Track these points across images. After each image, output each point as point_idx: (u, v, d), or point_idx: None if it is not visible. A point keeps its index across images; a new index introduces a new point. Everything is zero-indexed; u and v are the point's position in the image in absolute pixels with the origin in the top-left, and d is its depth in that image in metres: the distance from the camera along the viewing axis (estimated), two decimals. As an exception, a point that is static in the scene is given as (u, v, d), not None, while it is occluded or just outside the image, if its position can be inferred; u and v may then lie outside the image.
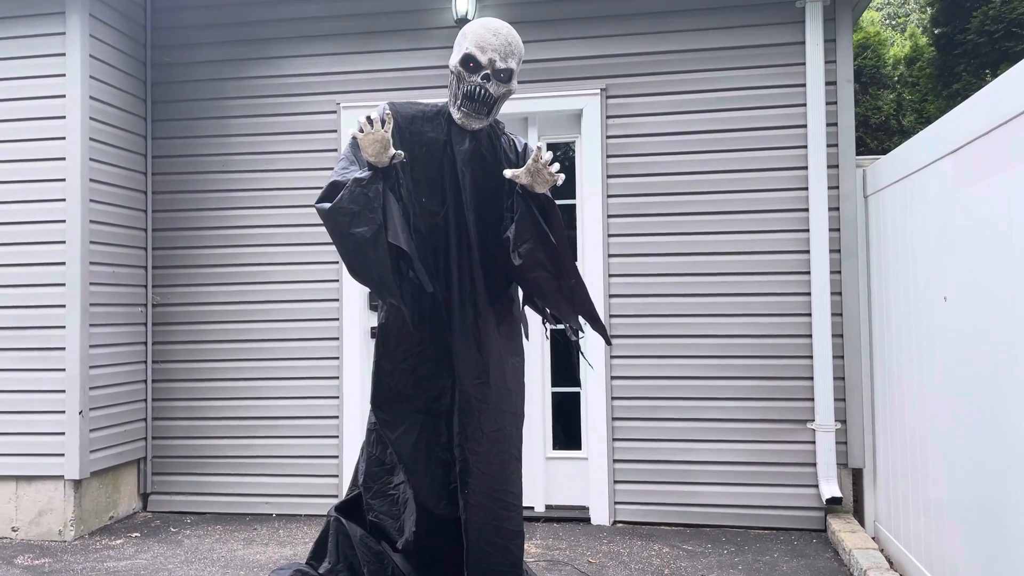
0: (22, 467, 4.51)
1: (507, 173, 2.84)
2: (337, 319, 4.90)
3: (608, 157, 4.74)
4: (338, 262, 4.66)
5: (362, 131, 2.65)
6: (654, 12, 4.72)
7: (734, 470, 4.55)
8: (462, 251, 2.92)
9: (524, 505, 4.69)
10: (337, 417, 4.89)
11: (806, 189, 4.53)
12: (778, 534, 4.44)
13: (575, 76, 4.78)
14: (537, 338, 3.52)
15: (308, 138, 4.99)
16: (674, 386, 4.63)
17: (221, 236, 5.06)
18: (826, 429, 4.44)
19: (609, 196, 4.73)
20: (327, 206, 2.70)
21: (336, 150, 4.92)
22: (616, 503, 4.65)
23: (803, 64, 4.56)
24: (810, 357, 4.49)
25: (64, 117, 4.52)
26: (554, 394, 4.89)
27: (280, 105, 5.04)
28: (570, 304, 2.93)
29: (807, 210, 4.52)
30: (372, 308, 4.86)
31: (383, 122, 2.73)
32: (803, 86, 4.56)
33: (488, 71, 2.85)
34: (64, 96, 4.53)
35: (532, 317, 3.23)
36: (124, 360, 4.86)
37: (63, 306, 4.48)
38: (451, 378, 2.92)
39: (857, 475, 4.55)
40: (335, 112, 4.96)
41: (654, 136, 4.71)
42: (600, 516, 4.64)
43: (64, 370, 4.47)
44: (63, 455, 4.45)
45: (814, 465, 4.47)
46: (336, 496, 4.79)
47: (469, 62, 2.85)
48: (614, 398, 4.68)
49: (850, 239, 4.49)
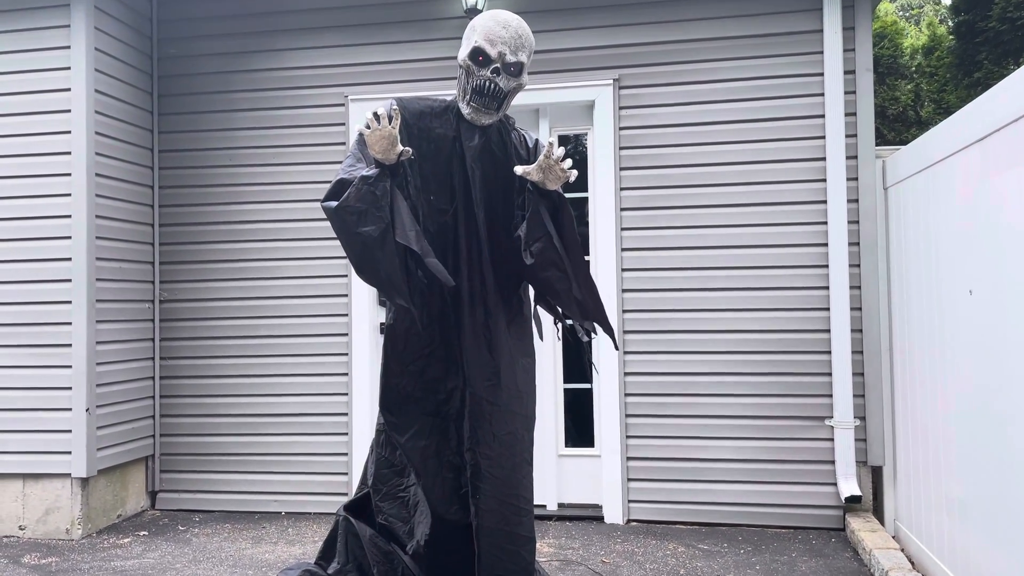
0: (29, 465, 4.46)
1: (518, 170, 2.76)
2: (346, 315, 4.83)
3: (621, 149, 4.65)
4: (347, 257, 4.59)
5: (369, 127, 2.58)
6: (668, 0, 4.62)
7: (750, 468, 4.47)
8: (472, 250, 2.84)
9: (536, 503, 4.67)
10: (346, 414, 4.83)
11: (824, 181, 4.43)
12: (796, 533, 4.35)
13: (587, 66, 4.69)
14: (549, 334, 3.44)
15: (316, 131, 4.92)
16: (689, 382, 4.54)
17: (228, 231, 5.00)
18: (845, 426, 4.34)
19: (622, 189, 4.64)
20: (333, 204, 2.63)
21: (345, 143, 4.85)
22: (630, 501, 4.57)
23: (821, 52, 4.45)
24: (828, 352, 4.40)
25: (69, 111, 4.47)
26: (566, 390, 4.81)
27: (288, 98, 4.97)
28: (583, 305, 2.85)
29: (825, 202, 4.42)
30: (381, 304, 4.79)
31: (390, 118, 2.65)
32: (821, 75, 4.45)
33: (498, 65, 2.77)
34: (69, 90, 4.47)
35: (545, 317, 3.16)
36: (131, 357, 4.81)
37: (69, 302, 4.43)
38: (461, 380, 2.85)
39: (877, 473, 4.45)
40: (343, 105, 4.89)
41: (668, 127, 4.61)
42: (614, 515, 4.56)
43: (71, 367, 4.42)
44: (70, 452, 4.41)
45: (832, 463, 4.38)
46: (345, 494, 4.73)
47: (478, 56, 2.77)
48: (627, 394, 4.60)
49: (869, 232, 4.39)
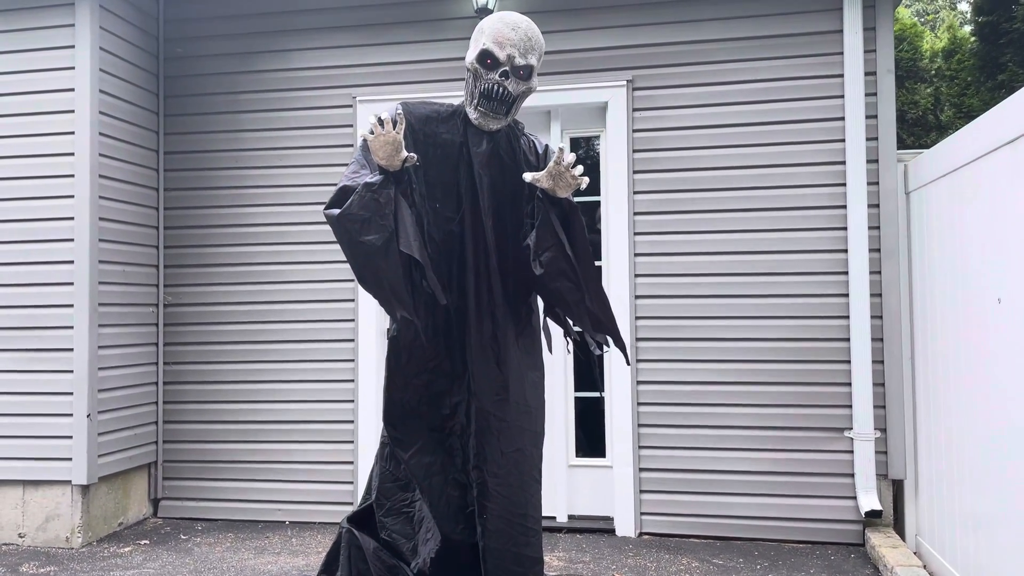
0: (29, 472, 4.38)
1: (527, 177, 2.65)
2: (352, 320, 4.73)
3: (634, 152, 4.54)
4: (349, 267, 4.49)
5: (372, 133, 2.48)
6: (683, 0, 4.51)
7: (767, 480, 4.34)
8: (479, 259, 2.74)
9: (546, 515, 4.57)
10: (352, 421, 4.73)
11: (844, 185, 4.30)
12: (814, 548, 4.22)
13: (600, 67, 4.59)
14: (559, 346, 3.34)
15: (323, 133, 4.83)
16: (703, 391, 4.42)
17: (234, 234, 4.92)
18: (865, 438, 4.21)
19: (635, 193, 4.53)
20: (336, 212, 2.53)
21: (352, 145, 4.76)
22: (642, 514, 4.45)
23: (841, 54, 4.34)
24: (848, 362, 4.27)
25: (73, 111, 4.40)
26: (577, 399, 4.70)
27: (295, 99, 4.89)
28: (594, 317, 2.74)
29: (845, 207, 4.30)
30: (388, 309, 4.69)
31: (394, 123, 2.55)
32: (841, 76, 4.33)
33: (507, 68, 2.67)
34: (73, 90, 4.41)
35: (554, 329, 3.04)
36: (134, 362, 4.73)
37: (71, 306, 4.36)
38: (466, 395, 2.74)
39: (898, 487, 4.31)
40: (351, 106, 4.80)
41: (683, 130, 4.50)
42: (625, 527, 4.44)
43: (72, 372, 4.34)
44: (71, 459, 4.32)
45: (852, 476, 4.25)
46: (351, 503, 4.63)
47: (486, 58, 2.67)
48: (640, 404, 4.48)
49: (891, 237, 4.26)
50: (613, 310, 2.84)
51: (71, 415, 4.33)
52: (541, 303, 2.90)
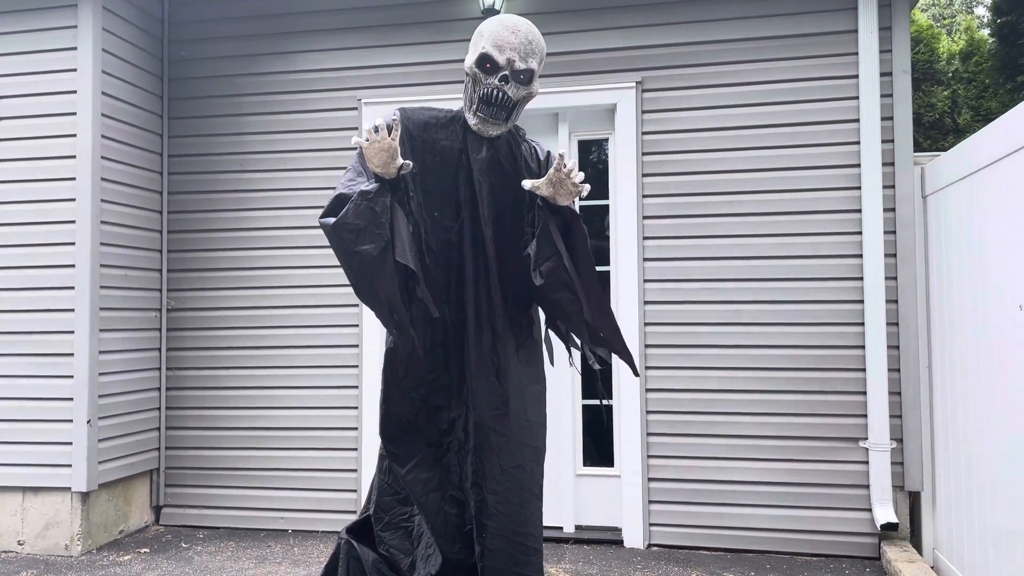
0: (28, 478, 4.33)
1: (526, 184, 2.57)
2: (357, 325, 4.66)
3: (644, 155, 4.45)
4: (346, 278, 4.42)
5: (368, 140, 2.41)
6: (693, 0, 4.43)
7: (779, 491, 4.22)
8: (479, 269, 2.65)
9: (552, 525, 4.48)
10: (356, 428, 4.66)
11: (859, 188, 4.20)
12: (828, 561, 4.10)
13: (608, 68, 4.50)
14: (562, 359, 3.24)
15: (328, 136, 4.77)
16: (714, 400, 4.31)
17: (237, 238, 4.86)
18: (880, 448, 4.09)
19: (645, 196, 4.44)
20: (331, 221, 2.46)
21: (357, 148, 4.69)
22: (651, 525, 4.35)
23: (855, 54, 4.23)
24: (863, 370, 4.15)
25: (75, 113, 4.36)
26: (584, 407, 4.60)
27: (299, 101, 4.83)
28: (595, 330, 2.65)
29: (860, 211, 4.19)
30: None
31: (389, 129, 2.48)
32: (855, 77, 4.23)
33: (506, 72, 2.59)
34: (75, 92, 4.36)
35: (557, 342, 2.95)
36: (136, 367, 4.67)
37: (72, 310, 4.30)
38: (464, 409, 2.66)
39: (914, 499, 4.20)
40: (356, 108, 4.74)
41: (693, 132, 4.40)
42: (634, 538, 4.34)
43: (72, 377, 4.28)
44: (70, 466, 4.27)
45: (867, 487, 4.13)
46: (354, 512, 4.56)
47: (486, 63, 2.59)
48: (649, 412, 4.38)
49: (907, 242, 4.15)
50: (618, 320, 2.74)
51: (71, 421, 4.27)
52: (543, 314, 2.81)
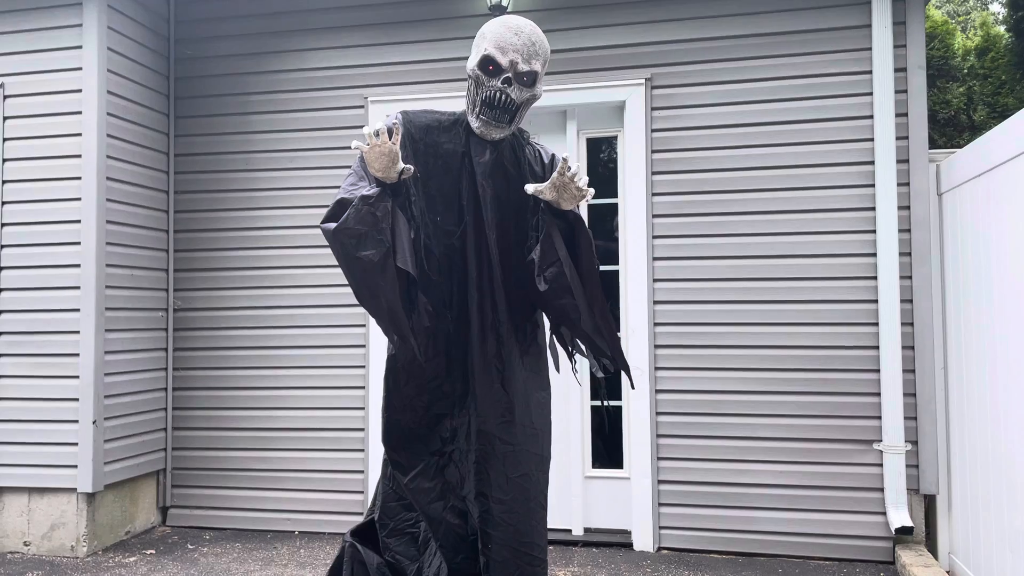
0: (34, 479, 4.31)
1: (529, 188, 2.51)
2: (364, 325, 4.62)
3: (653, 152, 4.39)
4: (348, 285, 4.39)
5: (368, 144, 2.36)
6: (704, -5, 4.37)
7: (792, 494, 4.16)
8: (482, 274, 2.60)
9: (561, 528, 4.43)
10: (363, 429, 4.62)
11: (873, 186, 4.12)
12: (841, 566, 4.03)
13: (617, 65, 4.44)
14: (567, 366, 3.19)
15: (334, 134, 4.73)
16: (725, 401, 4.25)
17: (245, 238, 4.83)
18: (895, 451, 4.02)
19: (654, 194, 4.38)
20: (332, 227, 2.42)
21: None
22: (661, 528, 4.29)
23: (869, 49, 4.16)
24: (877, 371, 4.08)
25: (80, 112, 4.33)
26: (593, 408, 4.55)
27: (305, 100, 4.79)
28: (597, 338, 2.59)
29: (874, 209, 4.12)
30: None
31: (390, 133, 2.43)
32: (869, 73, 4.16)
33: (509, 74, 2.53)
34: (80, 91, 4.34)
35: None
36: (142, 367, 4.65)
37: (77, 310, 4.28)
38: (467, 417, 2.61)
39: (930, 502, 4.12)
40: (362, 107, 4.70)
41: (704, 129, 4.34)
42: (643, 541, 4.28)
43: (78, 377, 4.26)
44: (76, 466, 4.25)
45: (881, 490, 4.06)
46: (360, 513, 4.52)
47: (488, 65, 2.54)
48: (659, 413, 4.32)
49: (922, 241, 4.07)
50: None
51: (77, 421, 4.25)
52: (547, 319, 2.76)
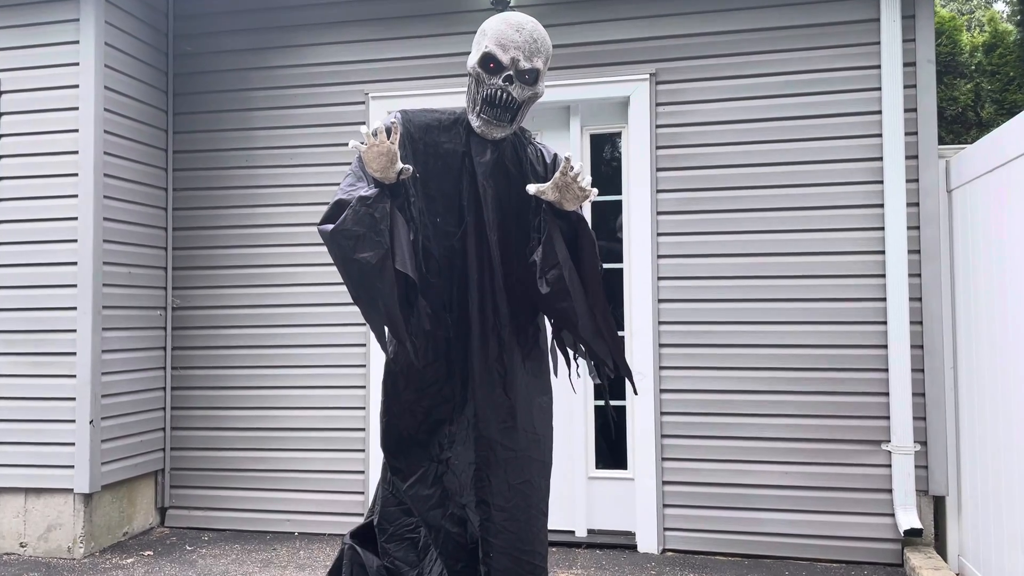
0: (31, 479, 4.25)
1: (531, 188, 2.45)
2: (364, 323, 4.56)
3: (658, 148, 4.33)
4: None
5: (366, 144, 2.30)
6: (709, -11, 4.31)
7: (799, 495, 4.09)
8: (483, 276, 2.54)
9: (564, 529, 4.37)
10: (363, 429, 4.56)
11: (881, 182, 4.06)
12: (848, 568, 3.97)
13: (622, 60, 4.38)
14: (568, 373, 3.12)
15: (335, 131, 4.67)
16: (731, 400, 4.19)
17: (244, 235, 4.77)
18: (904, 451, 3.95)
19: (659, 191, 4.32)
20: (329, 228, 2.35)
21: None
22: (666, 529, 4.22)
23: (878, 43, 4.09)
24: (886, 370, 4.01)
25: (77, 108, 4.28)
26: (597, 408, 4.49)
27: (306, 96, 4.74)
28: (599, 341, 2.54)
29: (882, 206, 4.05)
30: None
31: (388, 132, 2.37)
32: (877, 68, 4.09)
33: (511, 72, 2.48)
34: (77, 87, 4.29)
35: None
36: (140, 366, 4.59)
37: (74, 308, 4.23)
38: (467, 423, 2.55)
39: (939, 503, 4.05)
40: (364, 103, 4.64)
41: (709, 125, 4.28)
42: (648, 543, 4.22)
43: (75, 376, 4.21)
44: (73, 467, 4.19)
45: (890, 491, 3.99)
46: (361, 514, 4.47)
47: (489, 62, 2.48)
48: (663, 413, 4.26)
49: (932, 238, 4.01)
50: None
51: (73, 421, 4.20)
52: (548, 322, 2.70)
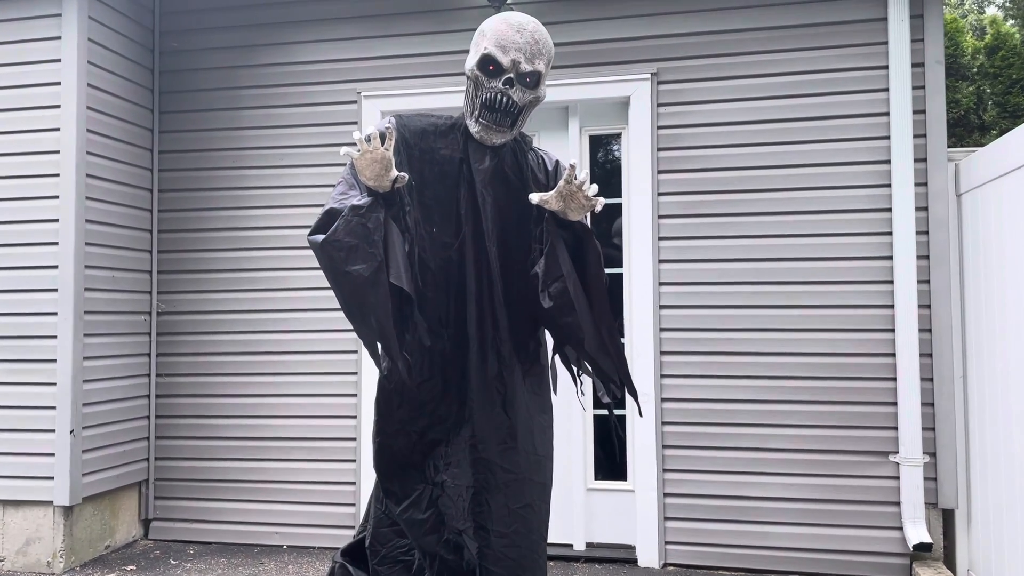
0: (8, 491, 4.10)
1: (533, 198, 2.32)
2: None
3: (659, 150, 4.21)
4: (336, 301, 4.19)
5: (359, 151, 2.17)
6: (712, -13, 4.19)
7: (804, 508, 3.97)
8: (482, 289, 2.41)
9: (562, 543, 4.24)
10: (355, 439, 4.42)
11: (889, 186, 3.95)
12: (855, 583, 3.85)
13: (622, 59, 4.26)
14: (567, 384, 3.00)
15: (326, 131, 4.54)
16: (734, 410, 4.07)
17: (232, 238, 4.63)
18: (912, 463, 3.84)
19: (660, 194, 4.20)
20: (320, 238, 2.22)
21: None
22: (667, 543, 4.10)
23: (885, 43, 3.99)
24: (894, 379, 3.90)
25: (59, 106, 4.13)
26: (596, 417, 4.36)
27: (296, 95, 4.60)
28: (604, 359, 2.41)
29: (890, 210, 3.94)
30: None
31: (382, 138, 2.25)
32: (885, 68, 3.98)
33: (511, 75, 2.35)
34: (59, 84, 4.14)
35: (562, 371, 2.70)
36: (124, 374, 4.44)
37: (55, 313, 4.08)
38: (465, 444, 2.42)
39: (948, 517, 3.94)
40: (356, 102, 4.51)
41: (712, 126, 4.16)
42: (648, 557, 4.09)
43: (55, 384, 4.06)
44: (53, 478, 4.04)
45: (898, 504, 3.87)
46: (352, 527, 4.32)
47: (488, 64, 2.36)
48: (664, 423, 4.13)
49: (941, 243, 3.90)
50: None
51: (54, 431, 4.04)
52: (549, 337, 2.57)
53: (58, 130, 4.12)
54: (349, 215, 2.19)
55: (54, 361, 4.07)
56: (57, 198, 4.10)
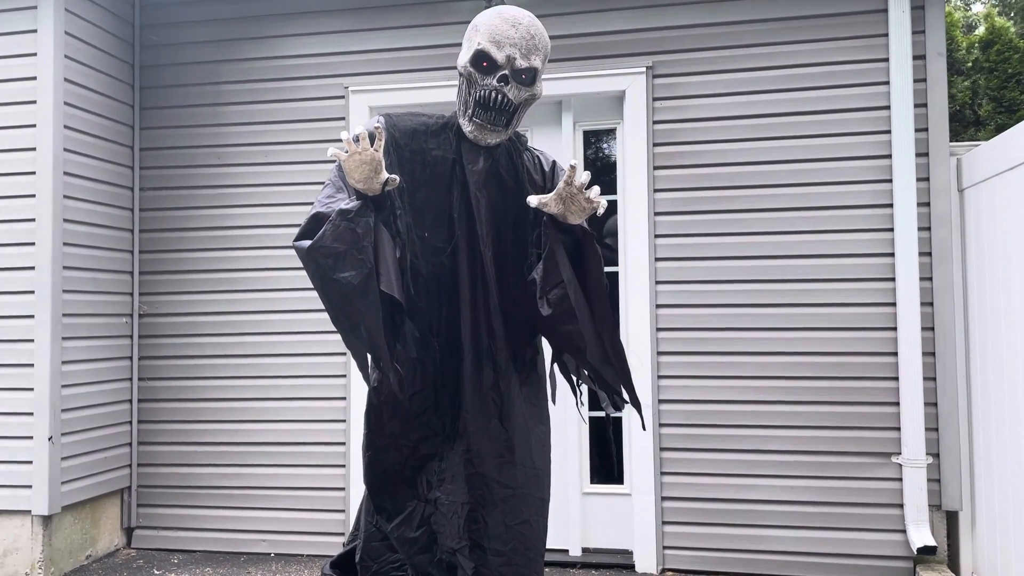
0: (-16, 500, 3.96)
1: (532, 201, 2.22)
2: (344, 332, 4.30)
3: (655, 146, 4.11)
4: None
5: (347, 152, 2.06)
6: (708, -22, 4.09)
7: (805, 511, 3.89)
8: (476, 296, 2.31)
9: (558, 548, 4.14)
10: (344, 443, 4.30)
11: (890, 181, 3.87)
12: (858, 588, 3.77)
13: (617, 52, 4.16)
14: (566, 395, 2.89)
15: (313, 127, 4.41)
16: (733, 411, 3.98)
17: (216, 238, 4.50)
18: (915, 464, 3.76)
19: (656, 191, 4.10)
20: (306, 244, 2.11)
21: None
22: (665, 547, 4.00)
23: (885, 35, 3.90)
24: (896, 379, 3.82)
25: (35, 102, 3.99)
26: (592, 419, 4.26)
27: (282, 90, 4.47)
28: (606, 368, 2.31)
29: (891, 206, 3.86)
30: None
31: (372, 139, 2.14)
32: (886, 61, 3.90)
33: (506, 71, 2.26)
34: (35, 79, 4.00)
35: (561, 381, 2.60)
36: (104, 378, 4.30)
37: (32, 316, 3.94)
38: (458, 458, 2.31)
39: (952, 519, 3.86)
40: (343, 97, 4.39)
41: (709, 121, 4.06)
42: (646, 562, 3.99)
43: (32, 390, 3.92)
44: (30, 487, 3.90)
45: (901, 507, 3.80)
46: (342, 534, 4.21)
47: (482, 61, 2.26)
48: (662, 425, 4.04)
49: (943, 240, 3.82)
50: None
51: (31, 438, 3.91)
52: (546, 344, 2.47)
53: (34, 126, 3.99)
54: (337, 220, 2.08)
55: (31, 365, 3.93)
56: (33, 197, 3.97)
